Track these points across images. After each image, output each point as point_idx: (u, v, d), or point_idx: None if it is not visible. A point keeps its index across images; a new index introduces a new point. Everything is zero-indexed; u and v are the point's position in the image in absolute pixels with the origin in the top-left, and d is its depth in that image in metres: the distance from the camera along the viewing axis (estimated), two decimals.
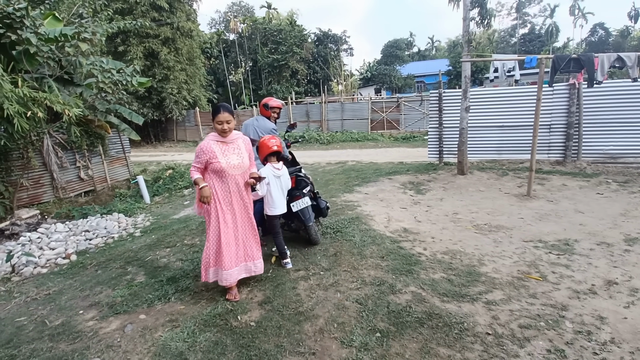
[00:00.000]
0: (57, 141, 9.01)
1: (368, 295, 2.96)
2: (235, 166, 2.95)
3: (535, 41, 41.52)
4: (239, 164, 2.97)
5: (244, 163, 3.00)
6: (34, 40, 6.79)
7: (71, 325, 3.14)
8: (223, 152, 2.92)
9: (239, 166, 2.97)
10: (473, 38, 7.39)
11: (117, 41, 17.55)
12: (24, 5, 6.70)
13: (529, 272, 3.21)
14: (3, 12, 6.57)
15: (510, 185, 6.43)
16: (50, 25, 8.00)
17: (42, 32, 7.16)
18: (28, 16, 6.66)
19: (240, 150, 2.99)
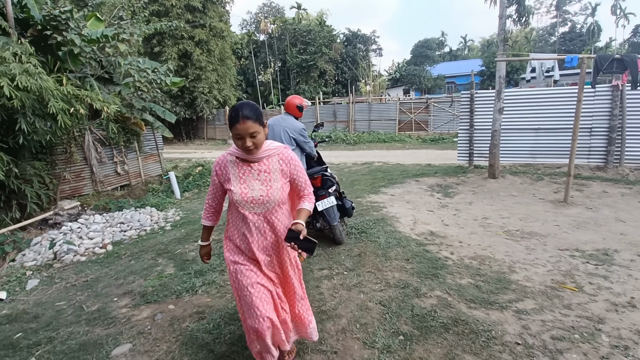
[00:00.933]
0: (97, 137, 9.51)
1: (392, 297, 2.92)
2: (255, 200, 1.81)
3: (576, 40, 39.46)
4: (262, 198, 1.81)
5: (271, 197, 1.82)
6: (77, 41, 7.20)
7: (106, 311, 3.31)
8: (241, 176, 1.84)
9: (260, 201, 1.81)
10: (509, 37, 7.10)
11: (153, 42, 18.29)
12: (69, 8, 7.12)
13: (563, 282, 3.06)
14: (50, 14, 7.02)
15: (545, 190, 6.14)
16: (92, 26, 8.47)
17: (85, 33, 7.59)
18: (72, 18, 7.07)
19: (270, 175, 1.84)
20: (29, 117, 5.99)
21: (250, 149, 1.70)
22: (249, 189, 1.80)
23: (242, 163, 1.83)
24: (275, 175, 1.83)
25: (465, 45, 57.55)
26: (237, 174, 1.83)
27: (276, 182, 1.82)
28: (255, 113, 1.66)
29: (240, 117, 1.62)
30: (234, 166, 1.84)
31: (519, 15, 6.18)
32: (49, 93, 5.82)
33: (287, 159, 1.87)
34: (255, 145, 1.70)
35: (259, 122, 1.67)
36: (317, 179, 4.06)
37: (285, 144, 4.05)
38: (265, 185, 1.81)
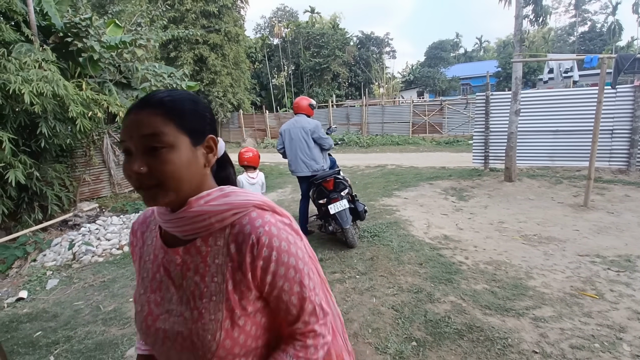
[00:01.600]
0: (115, 140, 9.75)
1: (405, 302, 2.89)
2: (170, 337, 0.72)
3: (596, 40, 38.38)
4: (182, 335, 0.70)
5: (201, 339, 0.67)
6: (97, 48, 7.42)
7: (122, 312, 3.38)
8: (152, 274, 0.79)
9: (180, 342, 0.70)
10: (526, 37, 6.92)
11: (170, 47, 18.68)
12: (89, 16, 7.36)
13: (583, 289, 2.96)
14: (71, 22, 7.26)
15: (564, 194, 5.97)
16: (111, 32, 8.72)
17: (104, 40, 7.82)
18: (92, 25, 7.29)
19: (201, 286, 0.70)
20: (50, 121, 6.19)
21: (144, 187, 0.68)
22: (162, 306, 0.75)
23: (161, 243, 0.79)
24: (215, 285, 0.70)
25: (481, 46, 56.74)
26: (147, 266, 0.82)
27: (214, 305, 0.69)
28: (174, 105, 0.69)
29: (134, 107, 0.69)
30: (149, 244, 0.83)
31: (536, 16, 6.05)
32: (70, 98, 6.01)
33: (260, 243, 0.68)
34: (159, 179, 0.66)
35: (180, 123, 0.68)
36: (329, 182, 4.07)
37: (302, 145, 4.08)
38: (189, 307, 0.71)
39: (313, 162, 4.15)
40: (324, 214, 4.16)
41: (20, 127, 6.17)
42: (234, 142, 22.34)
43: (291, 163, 4.21)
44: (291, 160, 4.20)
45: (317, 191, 4.12)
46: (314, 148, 4.19)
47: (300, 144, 4.14)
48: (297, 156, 4.14)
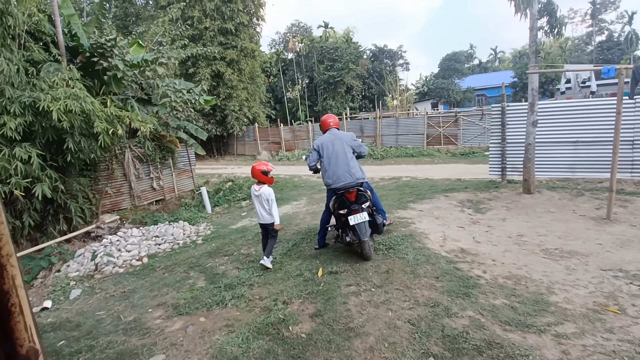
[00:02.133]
0: (136, 154, 10.07)
1: (421, 316, 2.86)
2: None
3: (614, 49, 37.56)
4: None
5: None
6: (121, 66, 7.77)
7: (141, 322, 3.46)
8: None
9: None
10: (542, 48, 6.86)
11: (188, 64, 19.31)
12: (114, 37, 7.73)
13: (606, 304, 2.87)
14: (98, 42, 7.64)
15: (586, 206, 5.81)
16: (134, 52, 9.11)
17: (128, 58, 8.18)
18: (117, 45, 7.65)
19: None
20: (76, 137, 6.47)
21: None
22: None
23: None
24: None
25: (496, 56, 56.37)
26: None
27: None
28: None
29: None
30: None
31: (551, 27, 6.02)
32: (95, 114, 6.28)
33: None
34: None
35: None
36: (352, 193, 4.10)
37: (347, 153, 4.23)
38: None
39: (356, 172, 4.23)
40: (343, 225, 4.20)
41: (48, 143, 6.47)
42: (249, 155, 22.69)
43: (332, 175, 4.21)
44: (333, 173, 4.21)
45: (339, 201, 4.16)
46: (354, 158, 4.32)
47: (344, 155, 4.24)
48: (341, 167, 4.19)
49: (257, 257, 4.85)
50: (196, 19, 18.79)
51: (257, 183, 4.37)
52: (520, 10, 5.83)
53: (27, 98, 5.66)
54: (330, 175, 4.22)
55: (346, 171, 4.16)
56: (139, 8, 22.67)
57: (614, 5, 44.73)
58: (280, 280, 3.87)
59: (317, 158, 4.41)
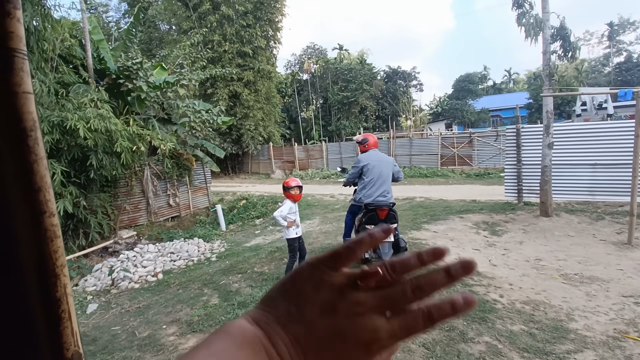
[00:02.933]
0: (154, 172, 10.37)
1: (436, 340, 2.81)
2: None
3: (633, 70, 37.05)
4: None
5: None
6: (145, 88, 8.14)
7: (156, 338, 3.49)
8: None
9: None
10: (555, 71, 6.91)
11: (207, 85, 19.97)
12: (139, 60, 8.14)
13: (627, 332, 2.77)
14: (124, 65, 8.05)
15: (606, 231, 5.66)
16: (158, 74, 9.54)
17: (151, 80, 8.57)
18: (142, 68, 8.05)
19: None
20: (99, 154, 6.75)
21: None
22: None
23: None
24: None
25: (510, 78, 56.28)
26: None
27: None
28: None
29: None
30: None
31: (564, 51, 6.07)
32: (118, 133, 6.56)
33: None
34: None
35: None
36: (384, 211, 4.15)
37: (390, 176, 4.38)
38: None
39: (391, 194, 4.45)
40: None
41: (73, 160, 6.76)
42: (263, 173, 22.97)
43: (371, 194, 4.34)
44: (373, 192, 4.35)
45: (369, 216, 4.19)
46: (391, 182, 4.54)
47: (387, 178, 4.45)
48: (382, 188, 4.36)
49: (271, 276, 4.87)
50: (216, 42, 19.55)
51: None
52: (530, 35, 5.92)
53: (56, 117, 5.97)
54: (368, 194, 4.35)
55: (385, 192, 4.35)
56: (162, 32, 23.80)
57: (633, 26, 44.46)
58: None
59: (359, 175, 4.52)
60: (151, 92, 8.55)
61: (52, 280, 0.58)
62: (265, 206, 11.22)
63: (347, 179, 4.72)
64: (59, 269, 0.64)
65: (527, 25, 5.93)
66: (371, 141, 4.70)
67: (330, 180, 17.44)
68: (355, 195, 4.57)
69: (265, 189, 14.83)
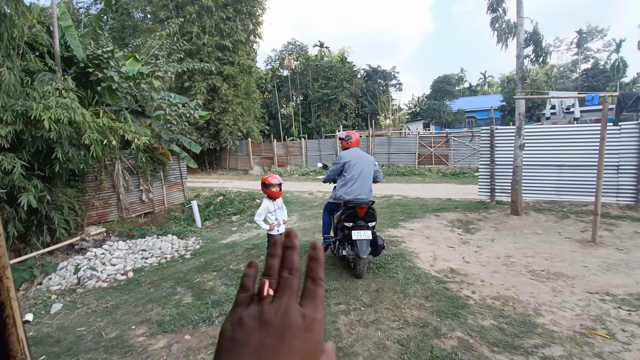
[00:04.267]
0: (126, 166, 9.98)
1: (410, 336, 2.84)
2: None
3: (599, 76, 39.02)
4: None
5: None
6: (116, 78, 7.79)
7: (124, 339, 3.35)
8: None
9: None
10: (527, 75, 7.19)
11: (184, 78, 19.41)
12: (110, 49, 7.79)
13: (593, 328, 2.89)
14: (94, 54, 7.68)
15: (572, 229, 5.92)
16: (130, 65, 9.17)
17: (124, 71, 8.22)
18: (113, 57, 7.70)
19: None
20: (65, 147, 6.41)
21: None
22: None
23: None
24: None
25: (485, 81, 57.98)
26: None
27: None
28: None
29: None
30: None
31: (536, 55, 6.28)
32: (86, 125, 6.25)
33: None
34: None
35: None
36: (363, 209, 4.13)
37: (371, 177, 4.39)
38: None
39: (371, 193, 4.44)
40: (343, 238, 4.22)
41: (37, 152, 6.39)
42: (241, 169, 22.64)
43: (351, 192, 4.33)
44: (353, 189, 4.33)
45: (348, 214, 4.17)
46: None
47: (368, 176, 4.44)
48: (362, 186, 4.35)
49: None
50: (195, 34, 19.04)
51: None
52: (501, 40, 6.09)
53: (20, 107, 5.62)
54: (348, 191, 4.33)
55: (366, 190, 4.35)
56: (136, 21, 22.93)
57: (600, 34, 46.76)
58: None
59: (340, 172, 4.51)
60: (123, 82, 8.19)
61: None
62: (242, 203, 11.06)
63: (328, 176, 4.70)
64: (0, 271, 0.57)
65: (500, 30, 6.10)
66: (354, 139, 4.69)
67: (309, 177, 17.40)
68: (334, 193, 4.55)
69: (243, 185, 14.61)
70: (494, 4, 6.20)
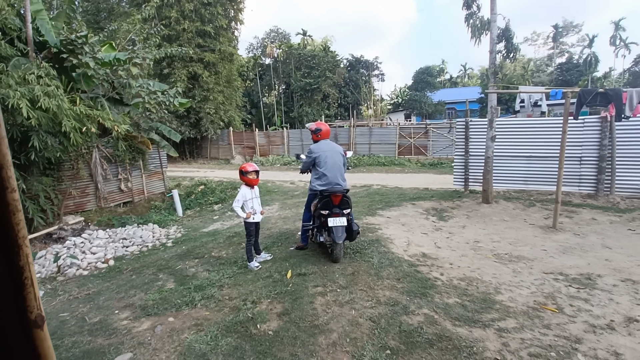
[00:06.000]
0: (104, 154, 9.81)
1: (381, 314, 3.07)
2: None
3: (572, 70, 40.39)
4: None
5: None
6: (92, 64, 7.62)
7: (107, 323, 3.46)
8: None
9: None
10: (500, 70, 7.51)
11: (163, 64, 18.95)
12: (84, 33, 7.60)
13: (545, 304, 3.21)
14: (68, 39, 7.48)
15: (536, 216, 6.32)
16: (106, 51, 8.95)
17: (99, 57, 8.03)
18: (87, 43, 7.51)
19: None
20: (42, 134, 6.29)
21: None
22: None
23: None
24: None
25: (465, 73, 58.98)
26: None
27: None
28: None
29: None
30: None
31: (508, 51, 6.57)
32: (63, 113, 6.15)
33: None
34: None
35: None
36: (338, 197, 4.30)
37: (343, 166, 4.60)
38: None
39: (344, 181, 4.64)
40: (320, 225, 4.40)
41: (11, 140, 6.25)
42: (222, 158, 22.47)
43: (328, 181, 4.50)
44: (330, 178, 4.50)
45: (323, 202, 4.34)
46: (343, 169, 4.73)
47: (340, 166, 4.62)
48: (335, 176, 4.52)
49: (229, 260, 4.93)
50: (173, 19, 18.54)
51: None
52: (475, 35, 6.34)
53: None
54: (323, 183, 4.50)
55: (339, 179, 4.52)
56: (112, 4, 22.05)
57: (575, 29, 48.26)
58: (250, 281, 3.98)
59: (312, 165, 4.67)
60: (99, 69, 8.02)
61: (16, 250, 0.66)
62: (224, 192, 11.09)
63: (302, 168, 4.89)
64: (21, 240, 0.72)
65: (474, 27, 6.34)
66: (324, 130, 4.82)
67: (291, 167, 17.50)
68: (310, 185, 4.72)
69: (224, 175, 14.58)
70: (469, 1, 6.42)
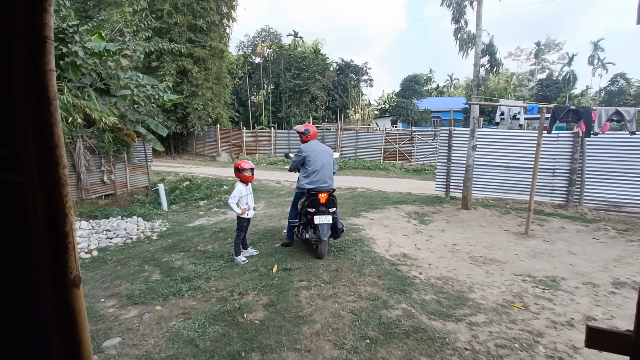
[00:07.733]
0: (87, 145, 9.68)
1: (362, 307, 3.25)
2: None
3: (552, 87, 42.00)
4: None
5: None
6: (81, 54, 7.57)
7: (94, 310, 3.51)
8: None
9: None
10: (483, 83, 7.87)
11: (152, 57, 18.72)
12: (76, 23, 7.54)
13: (512, 301, 3.46)
14: (58, 27, 7.40)
15: (510, 223, 6.66)
16: (96, 41, 8.87)
17: (89, 46, 7.98)
18: (78, 32, 7.46)
19: None
20: None
21: None
22: None
23: None
24: None
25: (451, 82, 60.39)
26: None
27: None
28: None
29: None
30: None
31: (491, 65, 6.93)
32: None
33: None
34: None
35: None
36: (325, 196, 4.46)
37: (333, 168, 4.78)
38: None
39: (332, 181, 4.81)
40: (306, 222, 4.56)
41: None
42: (208, 155, 22.32)
43: (316, 180, 4.65)
44: (318, 178, 4.65)
45: (311, 200, 4.50)
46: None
47: (329, 166, 4.77)
48: (324, 176, 4.67)
49: (215, 254, 5.03)
50: (166, 12, 18.38)
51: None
52: (463, 49, 6.67)
53: None
54: (311, 182, 4.65)
55: (327, 178, 4.69)
56: None
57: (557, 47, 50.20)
58: (236, 274, 4.10)
59: (301, 164, 4.81)
60: (88, 59, 7.96)
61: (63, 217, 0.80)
62: (210, 188, 11.10)
63: (291, 166, 5.05)
64: (68, 210, 0.86)
65: (461, 40, 6.67)
66: (312, 132, 4.98)
67: (278, 166, 17.58)
68: (298, 183, 4.87)
69: (210, 171, 14.54)
70: (457, 16, 6.75)
